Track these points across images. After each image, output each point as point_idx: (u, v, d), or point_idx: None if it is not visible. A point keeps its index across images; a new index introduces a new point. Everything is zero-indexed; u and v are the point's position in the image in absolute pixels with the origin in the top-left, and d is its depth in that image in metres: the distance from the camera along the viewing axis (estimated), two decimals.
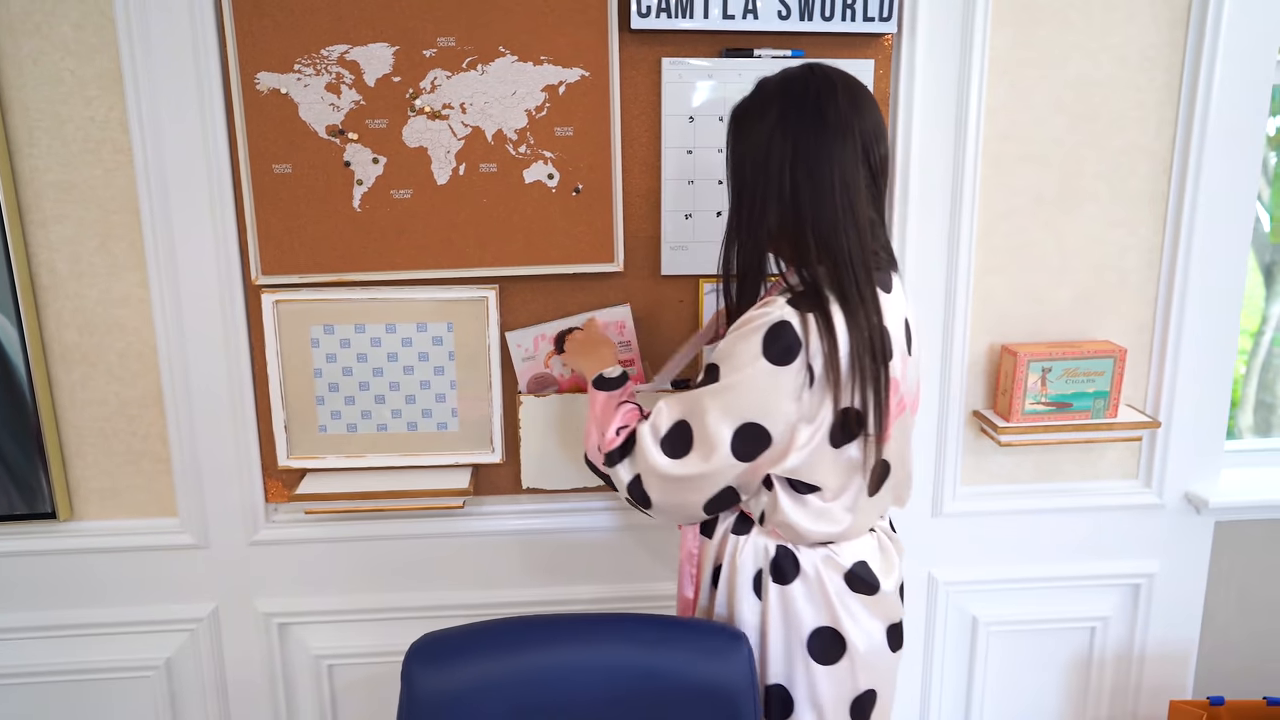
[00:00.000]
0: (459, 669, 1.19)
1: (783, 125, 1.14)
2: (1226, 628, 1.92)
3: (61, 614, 1.68)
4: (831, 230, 1.13)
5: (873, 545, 1.27)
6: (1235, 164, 1.65)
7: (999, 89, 1.61)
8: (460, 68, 1.50)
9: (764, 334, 1.11)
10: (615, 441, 1.24)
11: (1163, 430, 1.77)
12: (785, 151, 1.13)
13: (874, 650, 1.25)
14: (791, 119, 1.14)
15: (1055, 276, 1.70)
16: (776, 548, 1.23)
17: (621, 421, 1.26)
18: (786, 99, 1.15)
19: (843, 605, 1.23)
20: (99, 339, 1.59)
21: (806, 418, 1.14)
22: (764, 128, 1.15)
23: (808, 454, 1.15)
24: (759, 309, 1.14)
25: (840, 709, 1.24)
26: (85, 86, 1.49)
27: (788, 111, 1.14)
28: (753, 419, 1.13)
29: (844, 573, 1.23)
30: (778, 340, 1.10)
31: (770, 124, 1.15)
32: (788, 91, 1.16)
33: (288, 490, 1.65)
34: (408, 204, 1.54)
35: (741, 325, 1.14)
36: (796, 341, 1.10)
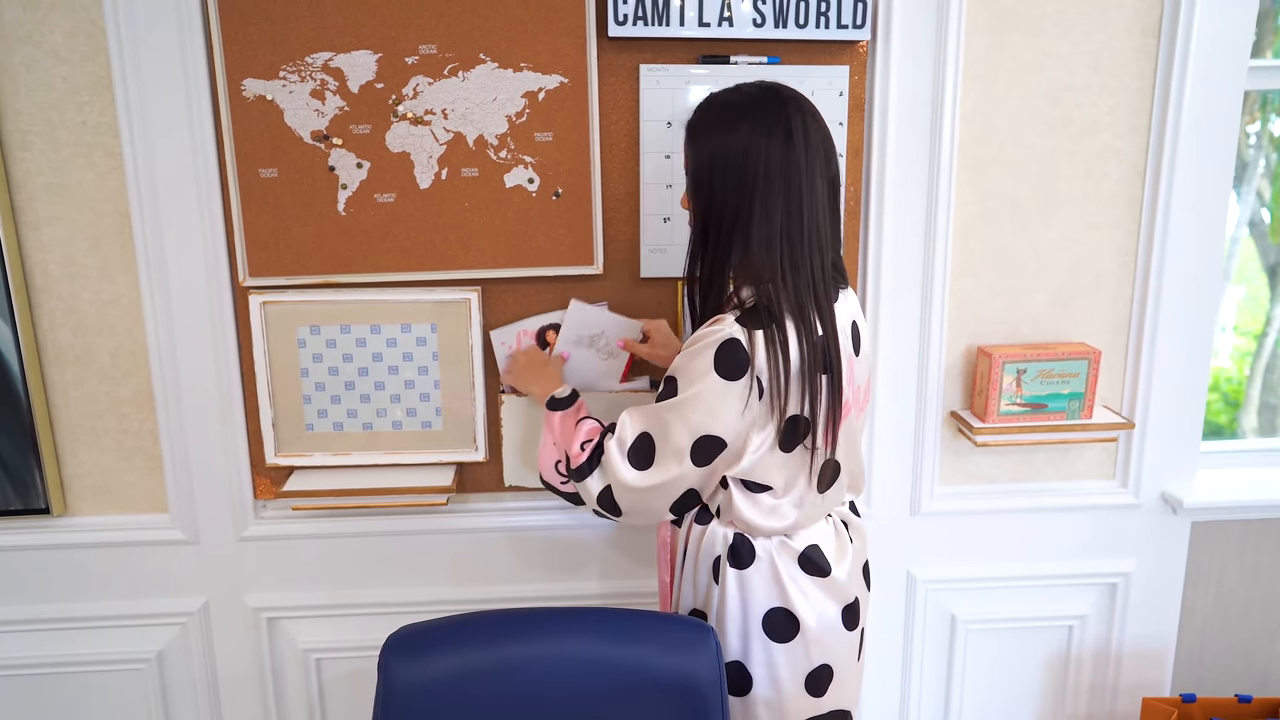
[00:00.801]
0: (435, 661, 1.22)
1: (754, 139, 1.18)
2: (1204, 626, 1.94)
3: (55, 607, 1.71)
4: (799, 244, 1.19)
5: (828, 531, 1.33)
6: (1208, 167, 1.67)
7: (973, 95, 1.64)
8: (442, 74, 1.53)
9: (714, 351, 1.18)
10: (582, 456, 1.29)
11: (1138, 431, 1.79)
12: (758, 166, 1.17)
13: (827, 628, 1.31)
14: (763, 134, 1.18)
15: (1031, 279, 1.72)
16: (734, 535, 1.30)
17: (584, 436, 1.31)
18: (756, 113, 1.19)
19: (796, 586, 1.29)
20: (91, 339, 1.62)
21: (757, 425, 1.21)
22: (735, 142, 1.18)
23: (758, 458, 1.23)
24: (709, 327, 1.20)
25: (796, 683, 1.30)
26: (77, 92, 1.53)
27: (759, 126, 1.18)
28: (708, 430, 1.20)
29: (797, 556, 1.29)
30: (727, 357, 1.17)
31: (742, 138, 1.18)
32: (756, 106, 1.20)
33: (275, 487, 1.68)
34: (391, 207, 1.57)
35: (695, 342, 1.21)
36: (745, 358, 1.17)
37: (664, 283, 1.65)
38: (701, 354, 1.19)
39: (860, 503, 1.79)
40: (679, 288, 1.65)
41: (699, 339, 1.20)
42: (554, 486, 1.36)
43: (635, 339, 1.60)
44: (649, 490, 1.25)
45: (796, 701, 1.31)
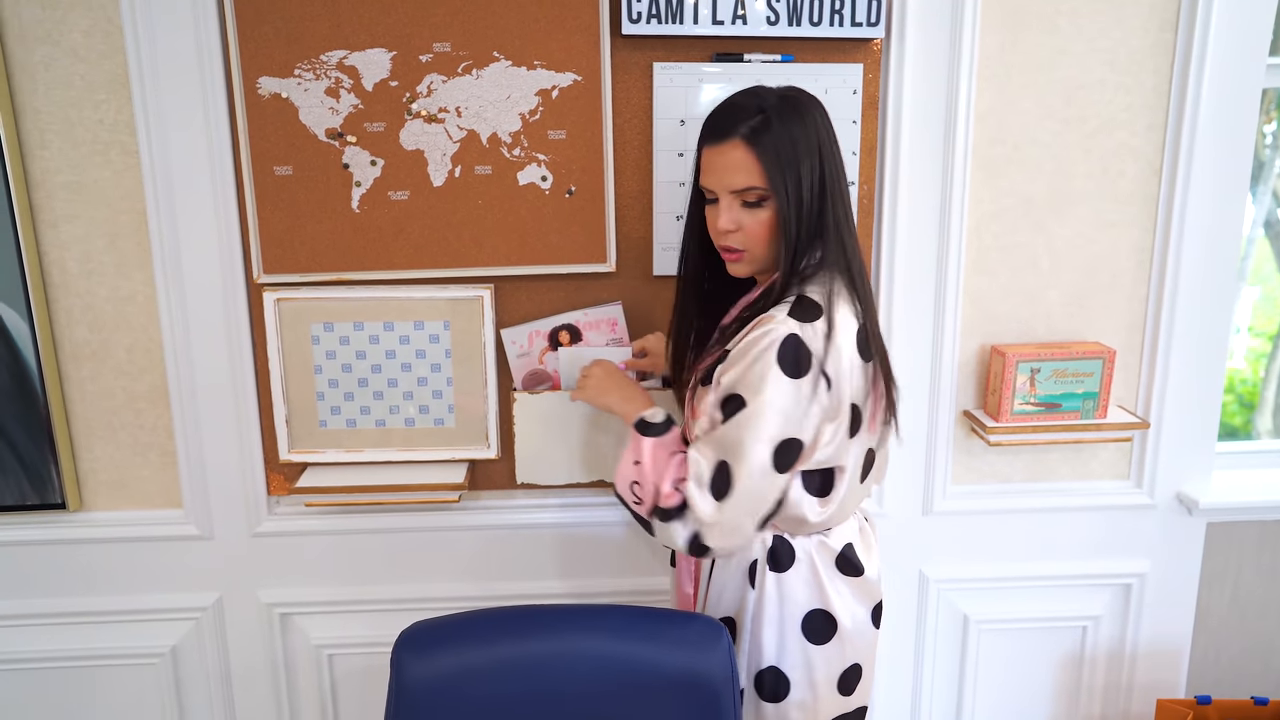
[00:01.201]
0: (447, 657, 1.22)
1: (819, 138, 1.20)
2: (1219, 628, 1.93)
3: (71, 601, 1.73)
4: (851, 237, 1.25)
5: (855, 528, 1.35)
6: (1225, 165, 1.66)
7: (988, 92, 1.63)
8: (456, 72, 1.53)
9: (775, 351, 1.15)
10: (674, 497, 1.22)
11: (1153, 431, 1.78)
12: (836, 159, 1.22)
13: (859, 629, 1.32)
14: (825, 133, 1.21)
15: (1045, 277, 1.72)
16: (773, 538, 1.29)
17: (677, 474, 1.23)
18: (815, 113, 1.21)
19: (833, 588, 1.30)
20: (107, 335, 1.63)
21: (829, 417, 1.20)
22: (808, 138, 1.19)
23: (834, 448, 1.22)
24: (757, 329, 1.17)
25: (830, 684, 1.31)
26: (94, 91, 1.54)
27: (821, 126, 1.21)
28: (785, 435, 1.17)
29: (835, 557, 1.30)
30: (789, 354, 1.15)
31: (812, 135, 1.19)
32: (812, 106, 1.22)
33: (289, 483, 1.69)
34: (405, 205, 1.58)
35: (747, 350, 1.17)
36: (807, 351, 1.16)
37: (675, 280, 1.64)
38: (761, 359, 1.15)
39: (872, 502, 1.79)
40: None
41: (751, 345, 1.17)
42: (625, 504, 1.30)
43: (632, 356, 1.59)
44: (737, 517, 1.19)
45: (828, 702, 1.31)
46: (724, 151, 1.20)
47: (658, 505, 1.24)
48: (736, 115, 1.20)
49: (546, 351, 1.65)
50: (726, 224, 1.23)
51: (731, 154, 1.20)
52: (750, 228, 1.22)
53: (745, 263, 1.27)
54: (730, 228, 1.23)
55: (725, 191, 1.22)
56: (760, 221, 1.22)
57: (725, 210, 1.23)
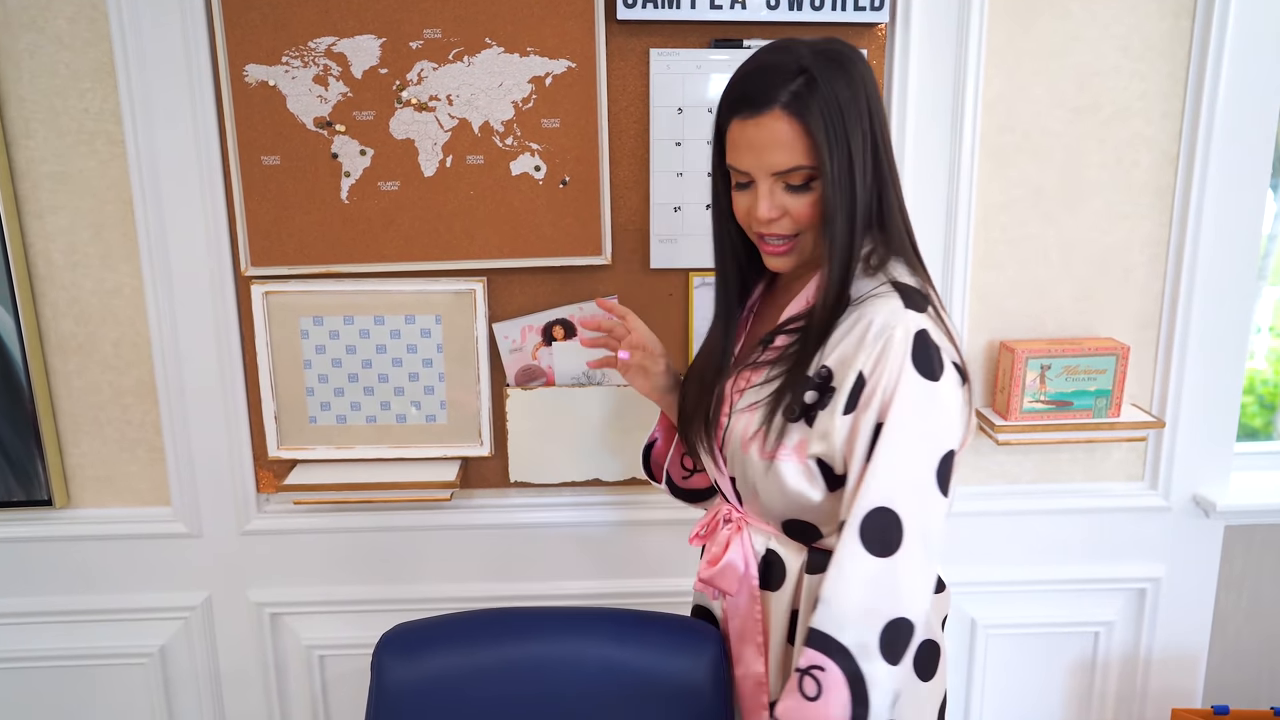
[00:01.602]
0: (429, 660, 1.19)
1: (867, 95, 1.01)
2: (1237, 635, 1.87)
3: (58, 600, 1.70)
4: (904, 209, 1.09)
5: None
6: (1244, 155, 1.60)
7: (997, 80, 1.58)
8: (447, 59, 1.49)
9: (910, 354, 0.97)
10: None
11: (1169, 430, 1.72)
12: (873, 123, 1.01)
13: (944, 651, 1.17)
14: (872, 88, 1.02)
15: (1056, 271, 1.66)
16: None
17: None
18: (860, 65, 1.01)
19: (935, 611, 1.13)
20: (94, 328, 1.61)
21: (965, 414, 1.04)
22: (856, 98, 0.99)
23: (966, 451, 1.07)
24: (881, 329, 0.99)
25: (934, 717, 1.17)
26: (79, 79, 1.51)
27: (869, 80, 1.02)
28: (941, 449, 0.98)
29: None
30: (923, 353, 0.98)
31: (860, 94, 0.99)
32: (855, 57, 1.01)
33: (278, 481, 1.66)
34: (395, 196, 1.54)
35: (882, 357, 0.98)
36: (936, 346, 0.99)
37: (674, 273, 1.60)
38: (895, 365, 0.97)
39: None
40: (689, 279, 1.60)
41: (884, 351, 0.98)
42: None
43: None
44: (929, 570, 0.99)
45: None
46: (762, 125, 0.99)
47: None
48: (772, 79, 0.98)
49: (540, 347, 1.61)
50: (768, 212, 1.02)
51: (772, 128, 0.98)
52: (797, 211, 1.02)
53: (794, 253, 1.07)
54: (773, 215, 1.03)
55: (765, 174, 1.01)
56: (808, 203, 1.01)
57: (765, 196, 1.02)
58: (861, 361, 0.99)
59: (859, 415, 0.99)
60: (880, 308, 1.00)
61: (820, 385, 1.02)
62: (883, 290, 1.02)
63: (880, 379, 0.98)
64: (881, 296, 1.01)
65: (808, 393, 1.03)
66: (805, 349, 1.04)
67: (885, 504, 0.97)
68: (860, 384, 0.99)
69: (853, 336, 1.01)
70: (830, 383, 1.02)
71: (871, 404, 0.98)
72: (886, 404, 0.97)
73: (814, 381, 1.02)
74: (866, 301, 1.02)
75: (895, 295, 1.01)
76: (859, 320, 1.01)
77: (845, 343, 1.01)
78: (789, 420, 1.03)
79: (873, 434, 0.98)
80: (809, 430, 1.03)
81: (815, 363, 1.03)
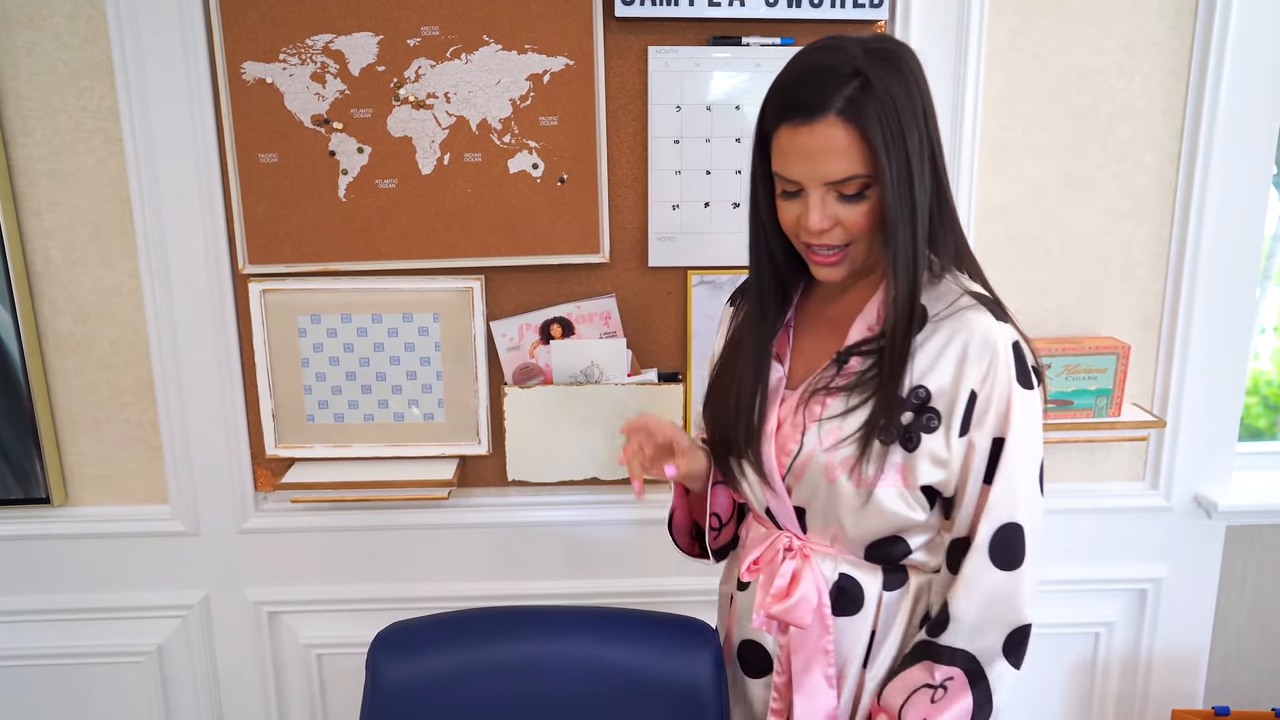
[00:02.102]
0: (425, 660, 1.18)
1: (922, 95, 0.97)
2: (1239, 636, 1.85)
3: (55, 598, 1.70)
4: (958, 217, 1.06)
5: None
6: (1247, 153, 1.59)
7: (998, 78, 1.57)
8: (444, 57, 1.49)
9: (1013, 366, 0.97)
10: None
11: (1170, 430, 1.71)
12: (929, 125, 0.98)
13: None
14: (926, 87, 0.98)
15: (1057, 270, 1.65)
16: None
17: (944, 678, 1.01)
18: (912, 63, 0.98)
19: None
20: (92, 327, 1.60)
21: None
22: (911, 99, 0.95)
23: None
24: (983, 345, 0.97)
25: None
26: (77, 77, 1.51)
27: (922, 79, 0.98)
28: (1041, 454, 1.02)
29: None
30: (1023, 365, 0.99)
31: (915, 95, 0.96)
32: (907, 55, 0.98)
33: (276, 479, 1.65)
34: (392, 194, 1.54)
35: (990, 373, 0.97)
36: (1028, 355, 1.00)
37: (672, 272, 1.60)
38: (1003, 379, 0.97)
39: None
40: (687, 277, 1.59)
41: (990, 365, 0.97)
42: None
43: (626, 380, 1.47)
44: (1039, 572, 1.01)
45: None
46: (815, 132, 0.93)
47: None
48: (826, 83, 0.93)
49: (538, 345, 1.60)
50: (820, 222, 0.97)
51: (826, 135, 0.93)
52: (850, 221, 0.97)
53: (843, 264, 1.01)
54: (825, 226, 0.97)
55: (817, 184, 0.96)
56: (862, 213, 0.97)
57: (816, 206, 0.97)
58: (972, 379, 0.98)
59: (974, 433, 0.99)
60: (973, 322, 0.98)
61: (918, 407, 0.99)
62: (965, 303, 1.00)
63: (992, 395, 0.97)
64: (969, 310, 0.99)
65: (904, 414, 0.99)
66: (892, 370, 0.99)
67: (1011, 519, 0.98)
68: (973, 401, 0.98)
69: (951, 354, 0.98)
70: (929, 403, 0.99)
71: (986, 421, 0.98)
72: (1003, 420, 0.98)
73: (911, 403, 0.99)
74: (952, 316, 0.99)
75: (982, 308, 0.99)
76: (952, 336, 0.98)
77: (943, 361, 0.98)
78: (885, 444, 0.99)
79: (990, 450, 0.98)
80: (909, 455, 1.00)
81: (905, 383, 0.99)
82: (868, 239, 1.00)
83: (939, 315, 1.00)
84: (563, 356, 1.56)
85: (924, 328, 1.00)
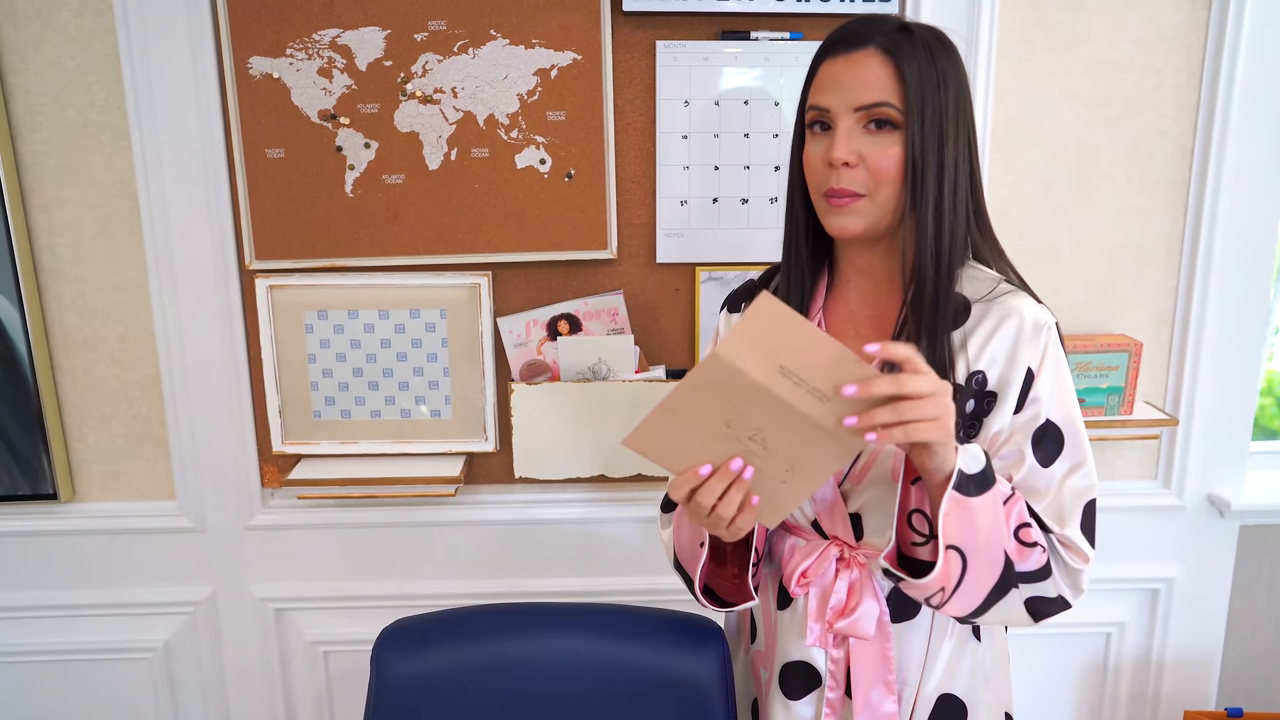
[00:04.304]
0: (429, 656, 1.18)
1: (966, 92, 0.99)
2: (1252, 636, 1.84)
3: (63, 594, 1.70)
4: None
5: None
6: (1261, 149, 1.57)
7: (1008, 72, 1.56)
8: (451, 51, 1.48)
9: (1058, 342, 1.00)
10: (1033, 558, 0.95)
11: (1183, 429, 1.69)
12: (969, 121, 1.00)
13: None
14: (969, 92, 1.00)
15: (1068, 266, 1.64)
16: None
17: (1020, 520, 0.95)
18: (961, 63, 0.99)
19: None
20: (99, 323, 1.60)
21: None
22: (958, 83, 0.97)
23: None
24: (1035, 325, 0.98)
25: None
26: (85, 72, 1.51)
27: (966, 83, 1.00)
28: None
29: None
30: (1063, 345, 1.01)
31: (961, 84, 0.98)
32: (958, 54, 0.99)
33: (283, 476, 1.65)
34: (399, 189, 1.53)
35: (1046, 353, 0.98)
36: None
37: (681, 268, 1.59)
38: (1056, 355, 0.98)
39: None
40: (695, 273, 1.59)
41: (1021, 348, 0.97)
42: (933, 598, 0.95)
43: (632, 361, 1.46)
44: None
45: None
46: (855, 61, 0.95)
47: (1019, 571, 0.95)
48: (872, 23, 0.97)
49: (545, 341, 1.59)
50: (845, 153, 0.95)
51: (865, 63, 0.95)
52: (875, 161, 0.95)
53: (859, 213, 0.97)
54: (849, 159, 0.95)
55: (847, 110, 0.95)
56: (888, 156, 0.95)
57: (844, 136, 0.95)
58: (1027, 358, 0.97)
59: (1032, 409, 0.97)
60: (1021, 306, 0.98)
61: (978, 393, 0.98)
62: (1005, 289, 1.00)
63: (1046, 373, 0.97)
64: (1011, 296, 0.99)
65: (967, 402, 0.98)
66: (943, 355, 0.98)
67: (1094, 494, 1.00)
68: (1030, 380, 0.97)
69: (1004, 335, 0.97)
70: (987, 388, 0.98)
71: (1044, 398, 0.97)
72: (1065, 397, 0.98)
73: (971, 389, 0.98)
74: (997, 301, 0.99)
75: (1024, 293, 1.00)
76: (1002, 321, 0.98)
77: (996, 342, 0.97)
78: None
79: (1048, 427, 0.97)
80: (974, 440, 0.99)
81: (962, 369, 0.98)
82: (887, 191, 0.96)
83: (982, 300, 0.99)
84: (570, 353, 1.56)
85: (969, 316, 0.99)
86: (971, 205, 1.01)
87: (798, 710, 1.11)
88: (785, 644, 1.11)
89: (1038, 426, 0.97)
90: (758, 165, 1.54)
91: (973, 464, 0.89)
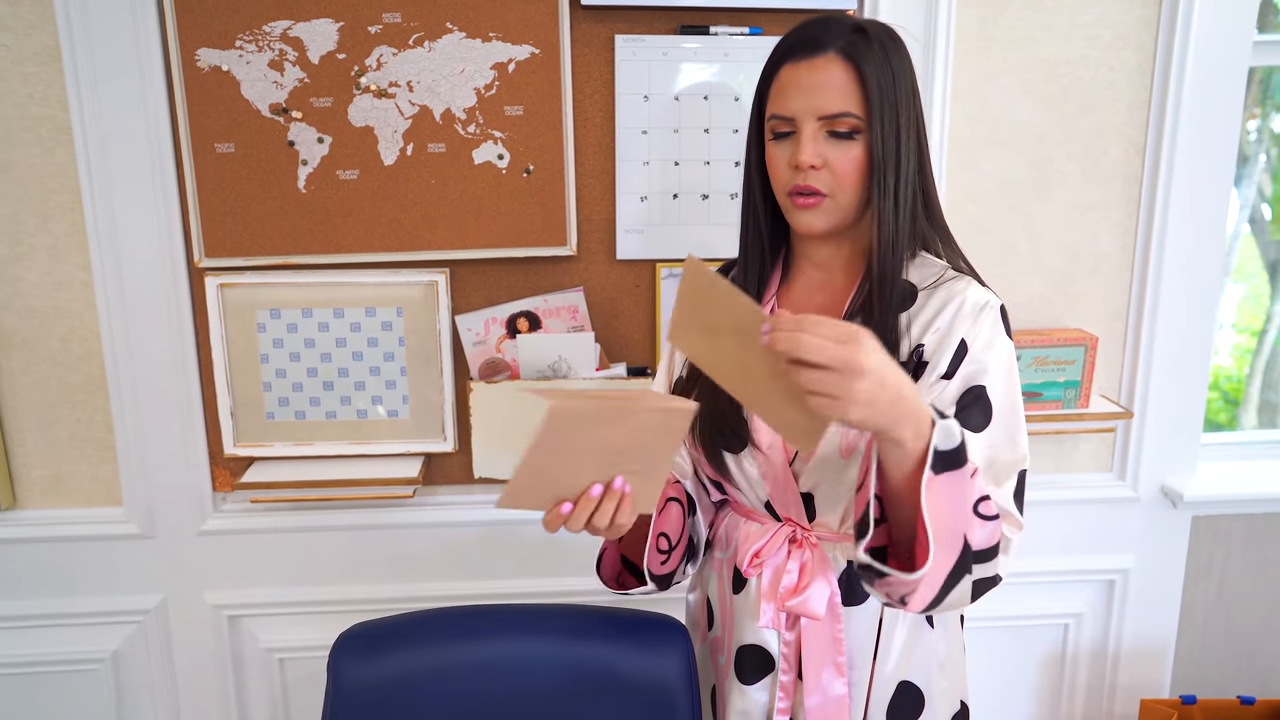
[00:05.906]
0: (388, 661, 1.15)
1: (915, 86, 1.02)
2: (1204, 625, 1.87)
3: (5, 605, 1.64)
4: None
5: None
6: (1211, 146, 1.60)
7: (966, 69, 1.57)
8: (407, 44, 1.45)
9: (1002, 320, 1.01)
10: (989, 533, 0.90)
11: (1137, 421, 1.72)
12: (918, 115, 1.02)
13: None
14: (916, 84, 1.02)
15: (1025, 262, 1.65)
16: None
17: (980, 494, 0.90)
18: (909, 57, 1.02)
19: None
20: (40, 323, 1.55)
21: None
22: (908, 79, 1.00)
23: None
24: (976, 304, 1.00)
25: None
26: (21, 63, 1.46)
27: (914, 76, 1.02)
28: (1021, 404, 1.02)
29: None
30: (1007, 325, 1.02)
31: (911, 78, 1.01)
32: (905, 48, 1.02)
33: (235, 479, 1.61)
34: (354, 185, 1.50)
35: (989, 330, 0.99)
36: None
37: (641, 265, 1.58)
38: (996, 331, 0.99)
39: None
40: (656, 270, 1.57)
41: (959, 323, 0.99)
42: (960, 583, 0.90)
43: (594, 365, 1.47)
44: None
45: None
46: (815, 68, 0.97)
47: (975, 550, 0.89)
48: (830, 25, 0.99)
49: (504, 339, 1.57)
50: (810, 157, 0.97)
51: (826, 70, 0.97)
52: (838, 164, 0.98)
53: (824, 211, 1.00)
54: (815, 162, 0.98)
55: (811, 117, 0.97)
56: (851, 159, 0.98)
57: (809, 141, 0.98)
58: (963, 331, 0.99)
59: (964, 375, 0.98)
60: (965, 289, 1.01)
61: (918, 365, 1.00)
62: (951, 275, 1.03)
63: (981, 345, 0.99)
64: (957, 281, 1.02)
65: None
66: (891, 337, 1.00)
67: (1026, 465, 1.00)
68: (963, 351, 0.99)
69: (946, 313, 1.00)
70: (923, 358, 1.00)
71: (978, 369, 0.98)
72: (1005, 375, 0.99)
73: (911, 364, 1.00)
74: (942, 286, 1.02)
75: (970, 279, 1.03)
76: (946, 302, 1.00)
77: (940, 319, 1.00)
78: None
79: (979, 393, 0.98)
80: None
81: (905, 348, 1.00)
82: (850, 194, 1.00)
83: (929, 286, 1.02)
84: (530, 351, 1.54)
85: (914, 301, 1.02)
86: (922, 194, 1.03)
87: (752, 695, 1.12)
88: (740, 627, 1.12)
89: (967, 389, 0.98)
90: (718, 161, 1.54)
91: (947, 440, 0.85)
